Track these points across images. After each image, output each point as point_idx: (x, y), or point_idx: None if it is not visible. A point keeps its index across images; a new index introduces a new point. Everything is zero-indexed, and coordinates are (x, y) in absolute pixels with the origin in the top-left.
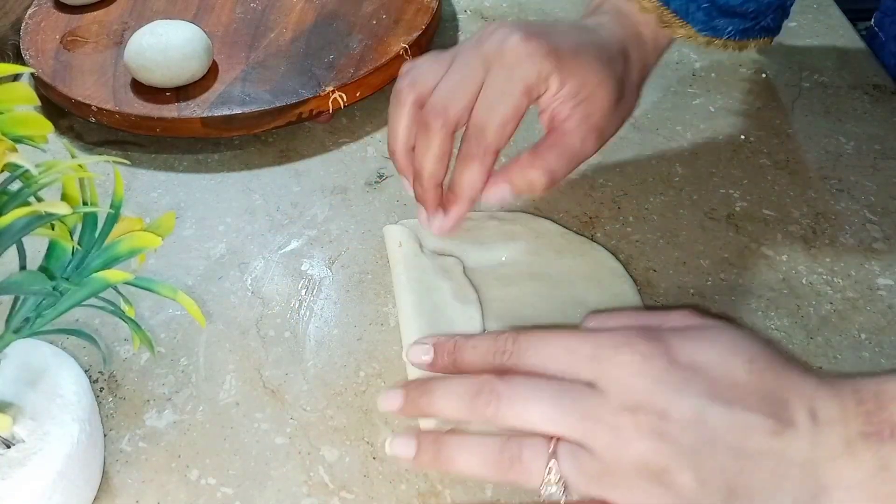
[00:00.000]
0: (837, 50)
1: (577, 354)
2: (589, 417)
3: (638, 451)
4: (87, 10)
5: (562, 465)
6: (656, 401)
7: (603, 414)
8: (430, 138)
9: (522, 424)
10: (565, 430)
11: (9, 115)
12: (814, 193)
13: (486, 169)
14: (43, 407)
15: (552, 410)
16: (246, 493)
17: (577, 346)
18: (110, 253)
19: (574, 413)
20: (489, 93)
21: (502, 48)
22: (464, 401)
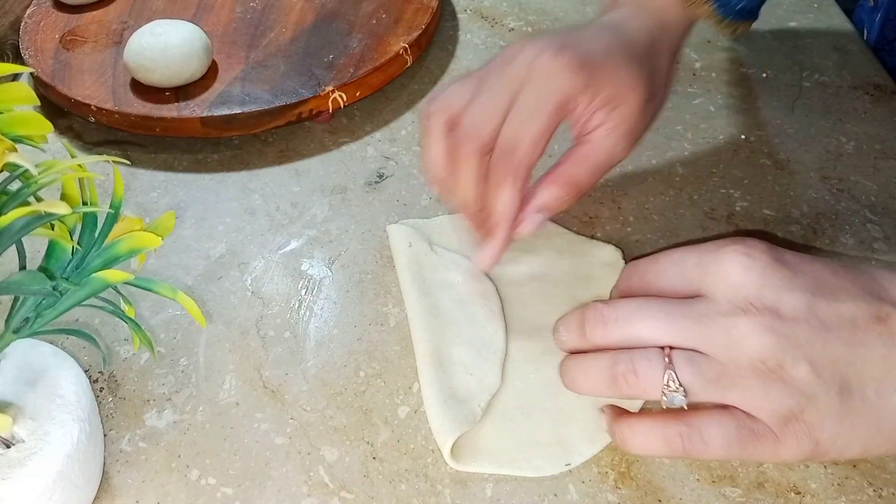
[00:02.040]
0: (837, 50)
1: (685, 264)
2: (700, 322)
3: (753, 348)
4: (86, 9)
5: (679, 373)
6: (765, 297)
7: (714, 316)
8: (461, 163)
9: (633, 341)
10: (677, 337)
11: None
12: (814, 193)
13: (518, 189)
14: (43, 407)
15: (661, 322)
16: (246, 493)
17: (684, 257)
18: (110, 253)
19: (684, 320)
20: (520, 110)
21: (532, 66)
22: (573, 330)
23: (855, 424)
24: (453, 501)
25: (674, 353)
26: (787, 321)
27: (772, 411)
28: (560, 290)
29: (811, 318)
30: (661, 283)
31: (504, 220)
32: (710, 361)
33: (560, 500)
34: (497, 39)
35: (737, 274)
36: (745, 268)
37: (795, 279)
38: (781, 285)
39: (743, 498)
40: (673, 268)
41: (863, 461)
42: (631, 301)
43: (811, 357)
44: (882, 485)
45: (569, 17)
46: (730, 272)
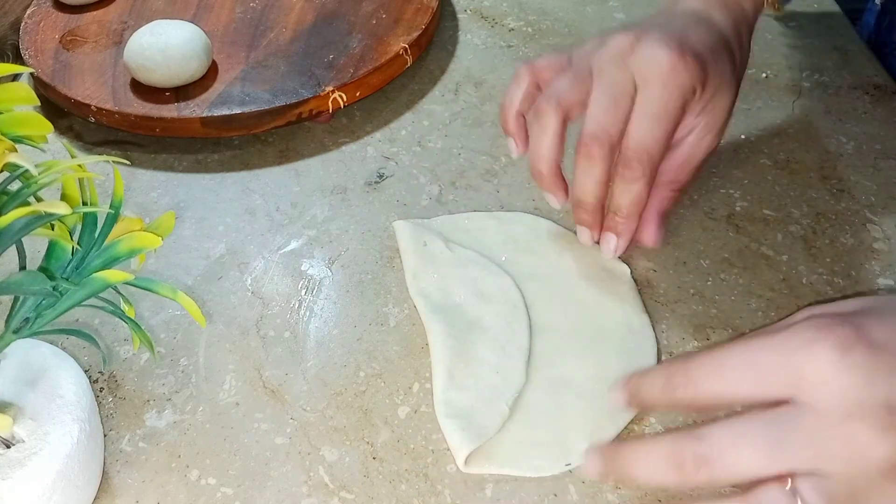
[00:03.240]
0: (837, 50)
1: (765, 366)
2: (814, 440)
3: (881, 454)
4: (86, 9)
5: (809, 503)
6: (875, 394)
7: (827, 431)
8: (592, 164)
9: (744, 477)
10: (794, 463)
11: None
12: (814, 193)
13: (648, 187)
14: (43, 407)
15: (770, 451)
16: (246, 493)
17: (761, 356)
18: (110, 253)
19: (795, 441)
20: (648, 111)
21: (652, 63)
22: (671, 468)
23: None
24: (453, 501)
25: (798, 483)
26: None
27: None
28: (560, 290)
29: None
30: (738, 395)
31: (634, 215)
32: (837, 481)
33: (560, 500)
34: (497, 39)
35: (837, 375)
36: (845, 366)
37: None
38: (890, 375)
39: None
40: (751, 375)
41: None
42: (724, 430)
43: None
44: None
45: (569, 17)
46: (827, 374)
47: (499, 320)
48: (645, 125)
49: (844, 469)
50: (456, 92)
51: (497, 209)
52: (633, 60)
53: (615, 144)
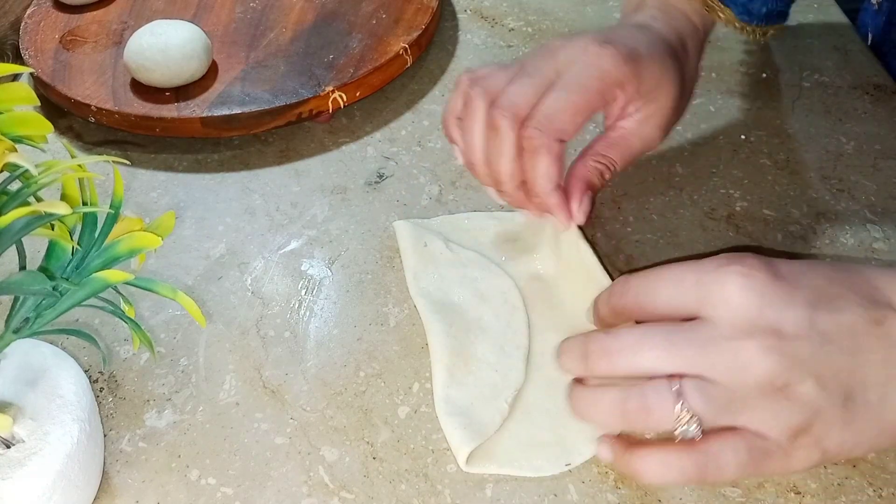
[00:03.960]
0: (837, 50)
1: (682, 285)
2: (705, 348)
3: (760, 371)
4: (86, 9)
5: (690, 402)
6: (767, 317)
7: (718, 341)
8: (500, 138)
9: (639, 372)
10: (684, 365)
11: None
12: (814, 193)
13: (554, 158)
14: (43, 407)
15: (666, 350)
16: (246, 493)
17: (681, 276)
18: (110, 253)
19: (689, 347)
20: (562, 85)
21: (578, 53)
22: (576, 360)
23: (860, 429)
24: (453, 501)
25: (683, 383)
26: (790, 340)
27: (781, 429)
28: (561, 290)
29: (813, 334)
30: (656, 304)
31: (546, 189)
32: (719, 387)
33: (560, 500)
34: (497, 39)
35: (737, 295)
36: (745, 288)
37: (794, 294)
38: (781, 303)
39: (743, 498)
40: (670, 288)
41: (863, 461)
42: (633, 330)
43: (816, 372)
44: (882, 485)
45: (569, 17)
46: (730, 294)
47: (498, 320)
48: (552, 97)
49: (727, 378)
50: None
51: (497, 209)
52: (560, 53)
53: (522, 119)
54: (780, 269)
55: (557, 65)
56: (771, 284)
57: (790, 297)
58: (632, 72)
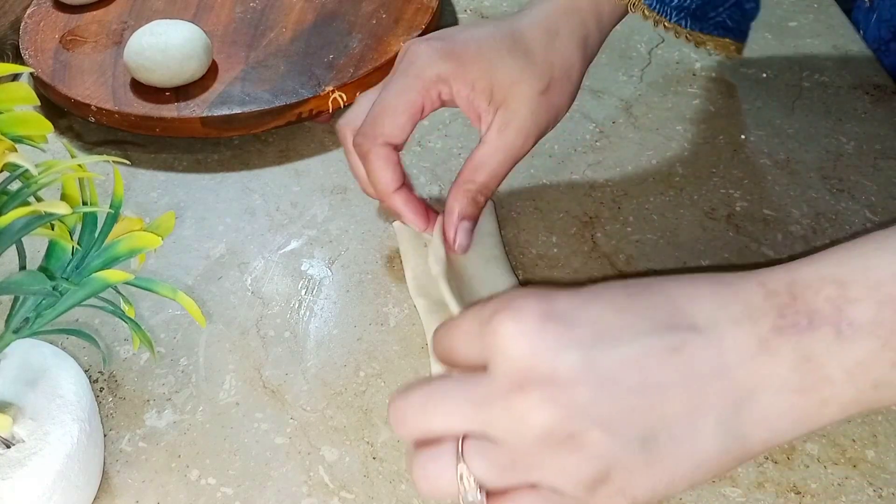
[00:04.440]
0: (837, 50)
1: (470, 333)
2: (483, 406)
3: (537, 424)
4: (86, 9)
5: (472, 467)
6: (539, 365)
7: (494, 397)
8: (346, 151)
9: (433, 433)
10: (467, 425)
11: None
12: (814, 193)
13: (385, 162)
14: (43, 407)
15: (451, 409)
16: (246, 493)
17: (470, 323)
18: (110, 253)
19: (469, 405)
20: (385, 91)
21: (402, 55)
22: (394, 422)
23: (670, 467)
24: (453, 501)
25: (465, 446)
26: (566, 387)
27: (575, 483)
28: None
29: (591, 376)
30: (458, 356)
31: (385, 192)
32: (500, 447)
33: None
34: None
35: (508, 344)
36: (516, 335)
37: (569, 334)
38: (555, 347)
39: (743, 498)
40: (461, 339)
41: (863, 461)
42: (423, 388)
43: (600, 418)
44: (882, 485)
45: None
46: (501, 343)
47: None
48: (376, 102)
49: (506, 436)
50: None
51: (497, 209)
52: (400, 58)
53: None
54: (557, 306)
55: (394, 70)
56: (542, 327)
57: (564, 339)
58: (455, 67)
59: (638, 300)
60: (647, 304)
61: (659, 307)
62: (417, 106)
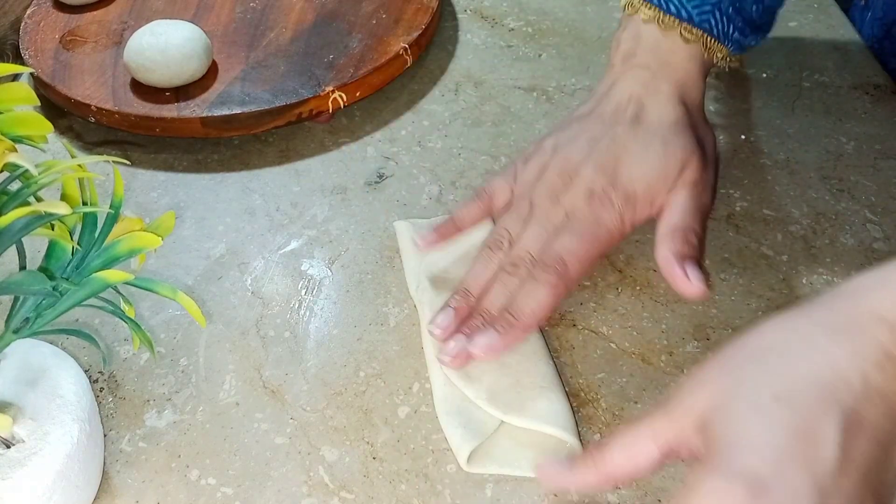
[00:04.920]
0: (837, 50)
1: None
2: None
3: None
4: (86, 9)
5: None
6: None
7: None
8: (512, 275)
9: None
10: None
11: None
12: (814, 193)
13: (554, 297)
14: (43, 407)
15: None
16: (246, 493)
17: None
18: (110, 253)
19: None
20: (570, 229)
21: (580, 196)
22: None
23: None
24: (453, 501)
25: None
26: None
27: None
28: None
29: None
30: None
31: (529, 321)
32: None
33: (560, 500)
34: (497, 39)
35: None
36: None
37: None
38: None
39: None
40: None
41: None
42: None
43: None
44: None
45: (569, 17)
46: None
47: None
48: (566, 239)
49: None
50: (456, 92)
51: None
52: (565, 199)
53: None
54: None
55: (565, 210)
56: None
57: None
58: (632, 209)
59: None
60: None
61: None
62: (603, 250)
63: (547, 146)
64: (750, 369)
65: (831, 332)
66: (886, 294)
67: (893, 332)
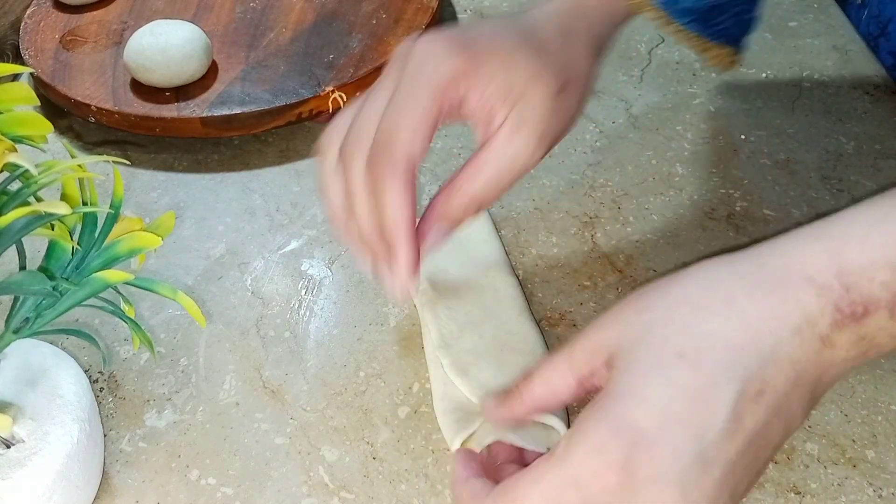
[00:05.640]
0: (837, 50)
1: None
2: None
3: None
4: (86, 9)
5: None
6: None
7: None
8: (351, 178)
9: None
10: None
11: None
12: (814, 193)
13: (404, 187)
14: (43, 407)
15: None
16: (246, 493)
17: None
18: (110, 253)
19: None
20: (395, 99)
21: (409, 54)
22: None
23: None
24: (453, 501)
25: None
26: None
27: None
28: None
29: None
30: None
31: (397, 226)
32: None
33: None
34: None
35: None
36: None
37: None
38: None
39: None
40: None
41: (863, 461)
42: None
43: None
44: (882, 485)
45: None
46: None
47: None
48: (390, 114)
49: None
50: None
51: (497, 209)
52: (406, 60)
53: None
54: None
55: (394, 73)
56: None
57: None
58: (471, 62)
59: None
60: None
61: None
62: (434, 115)
63: None
64: (662, 316)
65: (752, 289)
66: (819, 252)
67: (820, 296)
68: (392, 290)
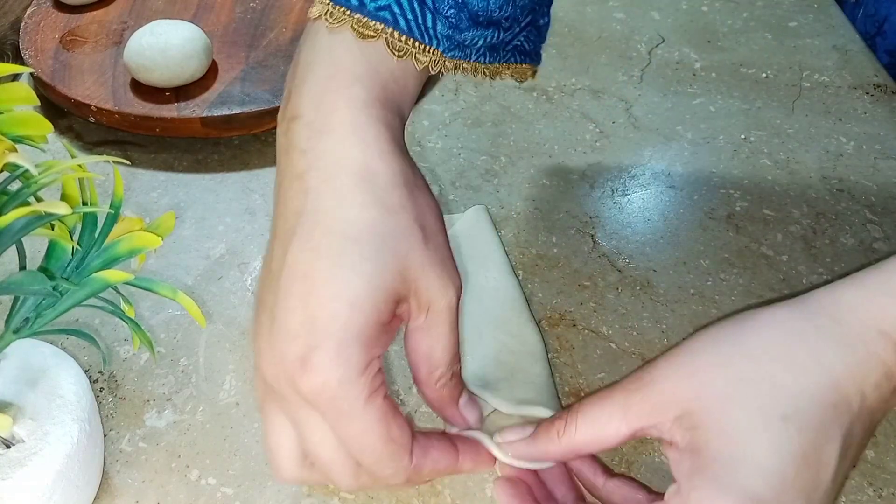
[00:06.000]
0: (837, 50)
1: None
2: None
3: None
4: (86, 9)
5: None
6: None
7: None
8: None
9: None
10: None
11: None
12: (814, 193)
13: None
14: (43, 407)
15: None
16: (246, 493)
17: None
18: (110, 253)
19: None
20: (343, 430)
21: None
22: None
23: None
24: (453, 501)
25: None
26: None
27: None
28: None
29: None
30: None
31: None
32: None
33: None
34: None
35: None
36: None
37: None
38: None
39: None
40: None
41: (863, 461)
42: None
43: None
44: (882, 485)
45: (569, 18)
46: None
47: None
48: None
49: None
50: (456, 92)
51: (497, 209)
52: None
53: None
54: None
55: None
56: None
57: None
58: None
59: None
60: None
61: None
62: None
63: None
64: (748, 372)
65: (837, 345)
66: (886, 305)
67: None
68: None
